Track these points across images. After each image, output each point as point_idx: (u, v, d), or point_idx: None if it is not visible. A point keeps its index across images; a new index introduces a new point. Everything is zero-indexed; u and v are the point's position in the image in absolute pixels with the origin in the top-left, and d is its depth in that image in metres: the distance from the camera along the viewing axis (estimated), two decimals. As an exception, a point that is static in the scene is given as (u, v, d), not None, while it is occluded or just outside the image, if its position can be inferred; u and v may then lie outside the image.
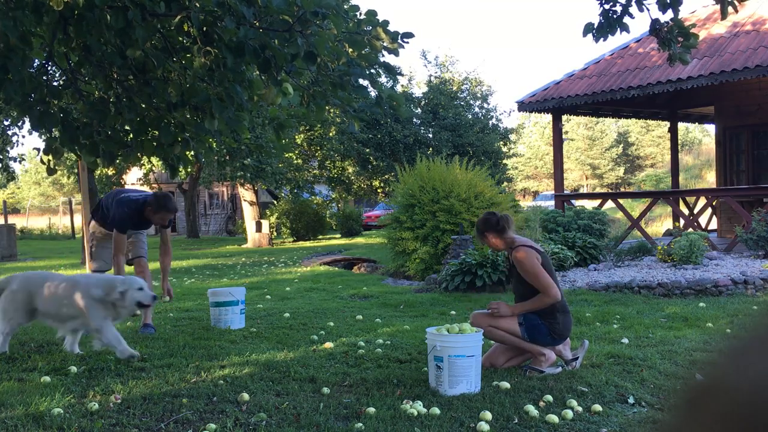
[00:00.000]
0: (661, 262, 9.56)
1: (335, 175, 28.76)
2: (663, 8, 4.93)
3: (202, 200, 33.84)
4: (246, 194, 22.94)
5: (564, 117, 14.81)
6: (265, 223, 22.53)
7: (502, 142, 29.39)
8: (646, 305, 7.09)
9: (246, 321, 6.76)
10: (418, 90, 29.99)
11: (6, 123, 16.23)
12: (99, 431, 3.49)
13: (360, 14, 3.99)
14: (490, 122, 29.06)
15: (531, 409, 3.64)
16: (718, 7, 4.99)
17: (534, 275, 4.46)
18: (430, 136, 26.60)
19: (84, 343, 5.74)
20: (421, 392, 4.05)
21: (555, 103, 12.61)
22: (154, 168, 23.00)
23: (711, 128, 24.39)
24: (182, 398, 3.99)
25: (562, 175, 13.34)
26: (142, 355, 5.19)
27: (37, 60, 4.48)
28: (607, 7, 5.07)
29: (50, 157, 4.50)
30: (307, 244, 22.32)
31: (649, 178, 43.45)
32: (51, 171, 4.59)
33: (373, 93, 4.36)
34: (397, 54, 4.02)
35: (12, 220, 32.20)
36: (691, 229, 10.95)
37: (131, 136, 4.56)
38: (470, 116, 28.06)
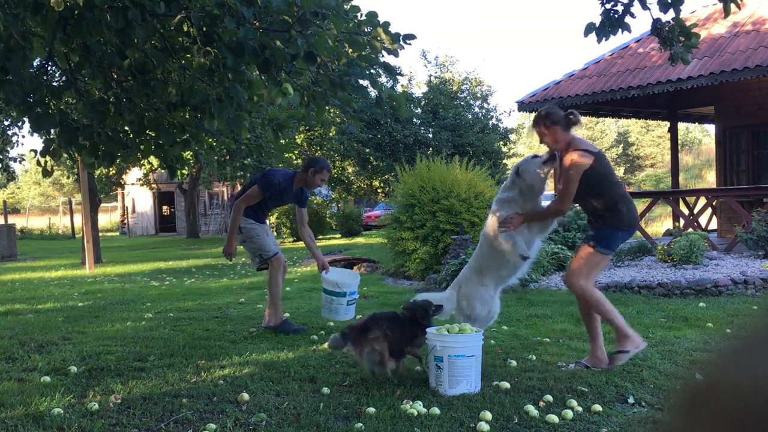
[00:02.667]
0: (661, 262, 9.56)
1: (335, 175, 28.75)
2: (664, 8, 4.92)
3: (202, 200, 33.85)
4: (246, 194, 22.93)
5: (564, 117, 14.76)
6: (265, 223, 22.51)
7: (502, 142, 29.38)
8: (646, 305, 7.09)
9: (246, 321, 6.75)
10: (418, 90, 30.00)
11: (6, 123, 16.23)
12: (99, 431, 3.49)
13: (361, 15, 3.98)
14: (490, 122, 29.06)
15: (531, 409, 3.63)
16: (718, 7, 4.99)
17: (566, 181, 4.41)
18: (430, 136, 26.60)
19: (84, 342, 5.74)
20: (421, 392, 4.05)
21: (555, 103, 12.60)
22: (153, 168, 22.99)
23: (711, 128, 24.39)
24: (182, 398, 3.99)
25: (562, 175, 13.31)
26: (141, 355, 5.20)
27: (37, 60, 4.48)
28: (608, 6, 5.07)
29: (47, 159, 4.49)
30: (307, 244, 22.30)
31: (649, 178, 43.47)
32: (47, 173, 4.59)
33: (373, 93, 4.35)
34: (396, 54, 4.01)
35: (12, 220, 32.20)
36: (691, 229, 10.95)
37: (131, 136, 4.56)
38: (470, 116, 28.05)
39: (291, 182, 6.12)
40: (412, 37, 3.96)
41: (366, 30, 3.90)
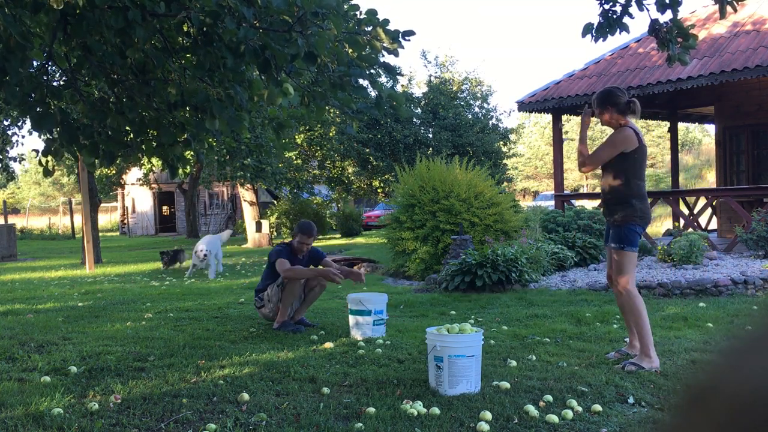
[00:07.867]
0: (661, 262, 9.56)
1: (335, 175, 28.76)
2: (662, 9, 4.92)
3: (202, 200, 33.85)
4: (246, 194, 22.95)
5: (564, 117, 14.80)
6: (265, 223, 22.53)
7: (502, 142, 29.38)
8: (646, 305, 7.08)
9: (245, 321, 6.75)
10: (418, 90, 30.00)
11: (6, 123, 16.24)
12: (99, 431, 3.49)
13: (360, 13, 3.98)
14: (490, 122, 29.05)
15: (531, 409, 3.64)
16: (717, 6, 4.99)
17: (603, 146, 4.80)
18: (430, 136, 26.60)
19: (84, 342, 5.74)
20: (421, 392, 4.05)
21: (555, 103, 12.61)
22: (154, 168, 22.99)
23: (711, 128, 24.39)
24: (182, 398, 3.99)
25: (562, 175, 13.34)
26: (141, 355, 5.20)
27: (36, 60, 4.47)
28: (606, 7, 5.07)
29: (49, 158, 4.49)
30: (307, 244, 22.30)
31: (649, 178, 43.38)
32: (48, 172, 4.58)
33: (373, 93, 4.35)
34: (396, 54, 4.01)
35: (12, 220, 32.21)
36: (691, 229, 10.95)
37: (131, 136, 4.56)
38: (470, 116, 28.05)
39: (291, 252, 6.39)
40: (411, 33, 3.95)
41: (366, 29, 3.90)
